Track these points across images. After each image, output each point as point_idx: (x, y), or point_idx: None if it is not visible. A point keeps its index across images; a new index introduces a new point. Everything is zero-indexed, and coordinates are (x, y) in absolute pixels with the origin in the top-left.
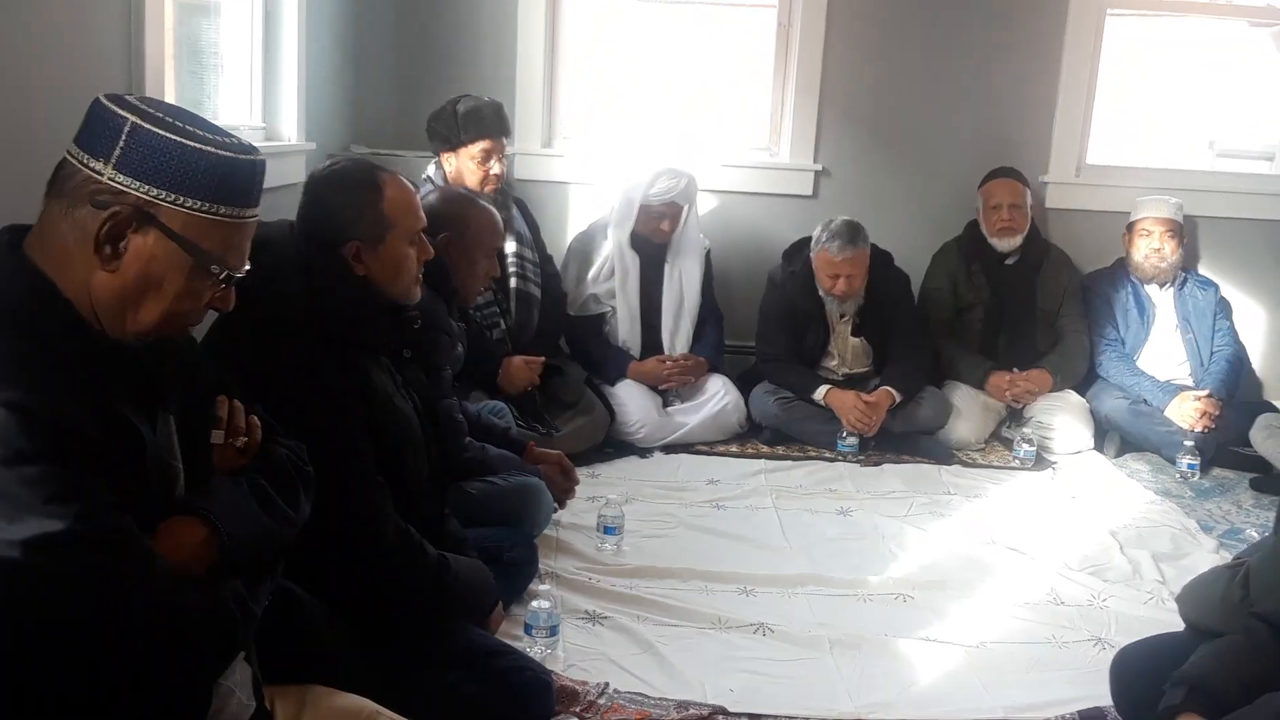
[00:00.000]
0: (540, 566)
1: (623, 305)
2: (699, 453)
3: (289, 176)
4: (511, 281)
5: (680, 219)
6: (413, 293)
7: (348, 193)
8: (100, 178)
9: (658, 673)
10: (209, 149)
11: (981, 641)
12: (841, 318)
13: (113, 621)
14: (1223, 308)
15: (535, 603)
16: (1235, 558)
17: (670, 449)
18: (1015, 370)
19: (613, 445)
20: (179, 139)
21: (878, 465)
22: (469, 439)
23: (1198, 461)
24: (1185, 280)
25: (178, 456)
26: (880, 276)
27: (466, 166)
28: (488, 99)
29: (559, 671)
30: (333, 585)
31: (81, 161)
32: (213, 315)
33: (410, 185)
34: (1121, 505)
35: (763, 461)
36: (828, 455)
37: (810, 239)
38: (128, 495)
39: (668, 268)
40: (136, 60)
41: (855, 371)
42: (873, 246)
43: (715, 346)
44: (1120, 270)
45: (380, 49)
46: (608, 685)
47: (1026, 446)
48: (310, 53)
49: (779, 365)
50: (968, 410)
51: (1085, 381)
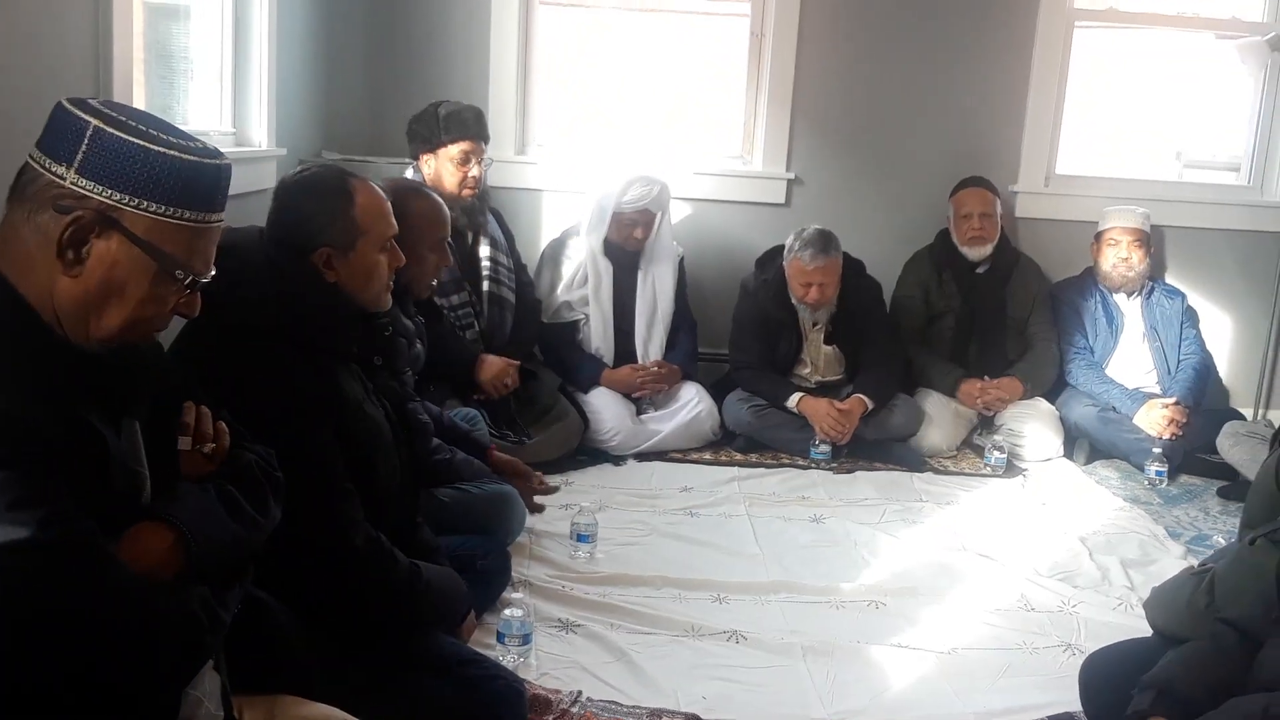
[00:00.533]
0: (513, 574)
1: (596, 313)
2: (672, 460)
3: (259, 182)
4: (485, 285)
5: (653, 226)
6: (383, 299)
7: (318, 199)
8: (63, 182)
9: (631, 681)
10: (172, 153)
11: (953, 648)
12: (814, 326)
13: (77, 628)
14: (1189, 316)
15: (508, 611)
16: (1201, 564)
17: (644, 456)
18: (986, 378)
19: (586, 453)
20: (142, 143)
21: (850, 472)
22: (437, 441)
23: (1165, 468)
24: (1153, 289)
25: (144, 463)
26: (852, 285)
27: (445, 168)
28: (468, 104)
29: (532, 680)
30: (303, 593)
31: (44, 166)
32: (180, 321)
33: (381, 192)
34: (1091, 512)
35: (736, 469)
36: (801, 463)
37: (783, 247)
38: (92, 502)
39: (641, 275)
40: (105, 64)
41: (828, 379)
42: (845, 255)
43: (689, 354)
44: (1089, 279)
45: (352, 55)
46: (580, 693)
47: (997, 454)
48: (281, 58)
49: (752, 373)
50: (939, 418)
51: (1055, 389)
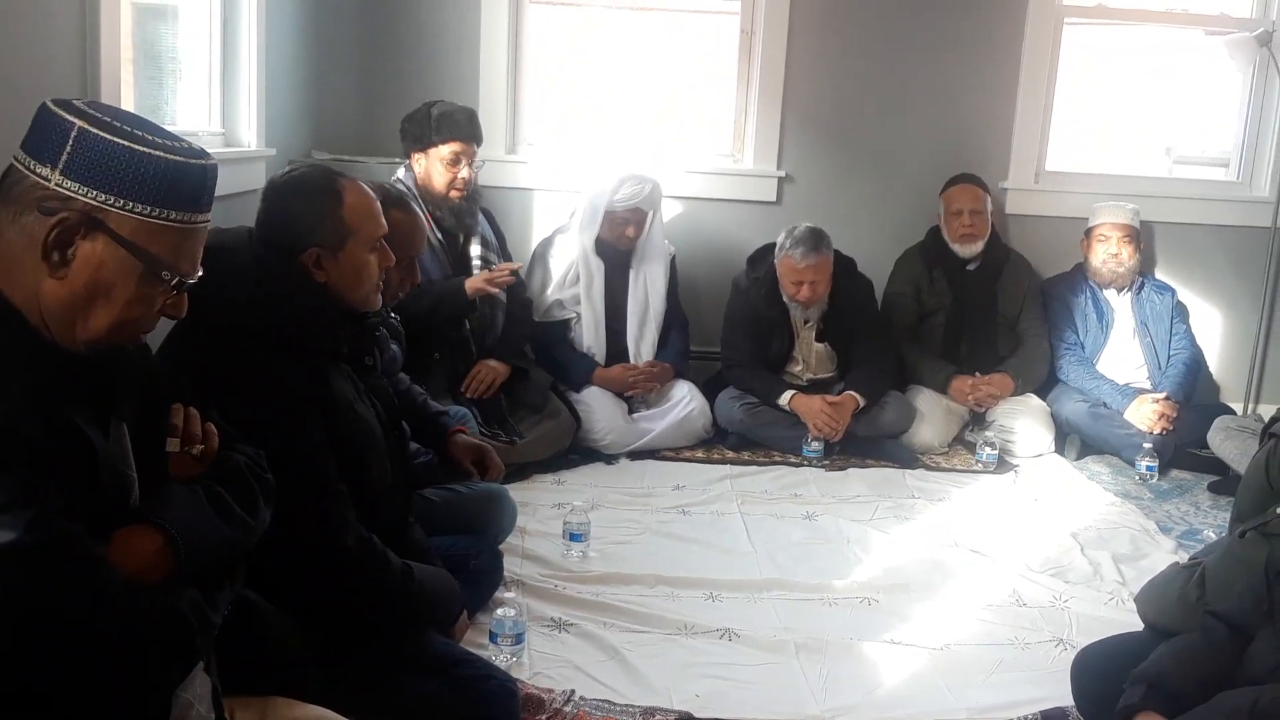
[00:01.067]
0: (505, 574)
1: (588, 311)
2: (665, 459)
3: (249, 183)
4: None
5: (645, 225)
6: (373, 300)
7: (307, 199)
8: (47, 184)
9: (624, 679)
10: (158, 153)
11: (945, 643)
12: (805, 323)
13: (65, 631)
14: (1180, 312)
15: (500, 610)
16: (1191, 558)
17: (636, 455)
18: (977, 374)
19: (578, 452)
20: (127, 144)
21: (842, 470)
22: (415, 446)
23: (1156, 463)
24: (1143, 285)
25: (132, 465)
26: (844, 283)
27: (435, 168)
28: (462, 105)
29: (524, 679)
30: (295, 594)
31: (28, 167)
32: (168, 323)
33: (370, 192)
34: (1082, 507)
35: (728, 467)
36: (793, 460)
37: (774, 245)
38: (80, 504)
39: (633, 274)
40: (92, 64)
41: (819, 377)
42: (836, 253)
43: (680, 352)
44: (1079, 275)
45: (342, 55)
46: (574, 692)
47: (989, 450)
48: (270, 58)
49: (744, 371)
50: (931, 414)
51: (1046, 385)
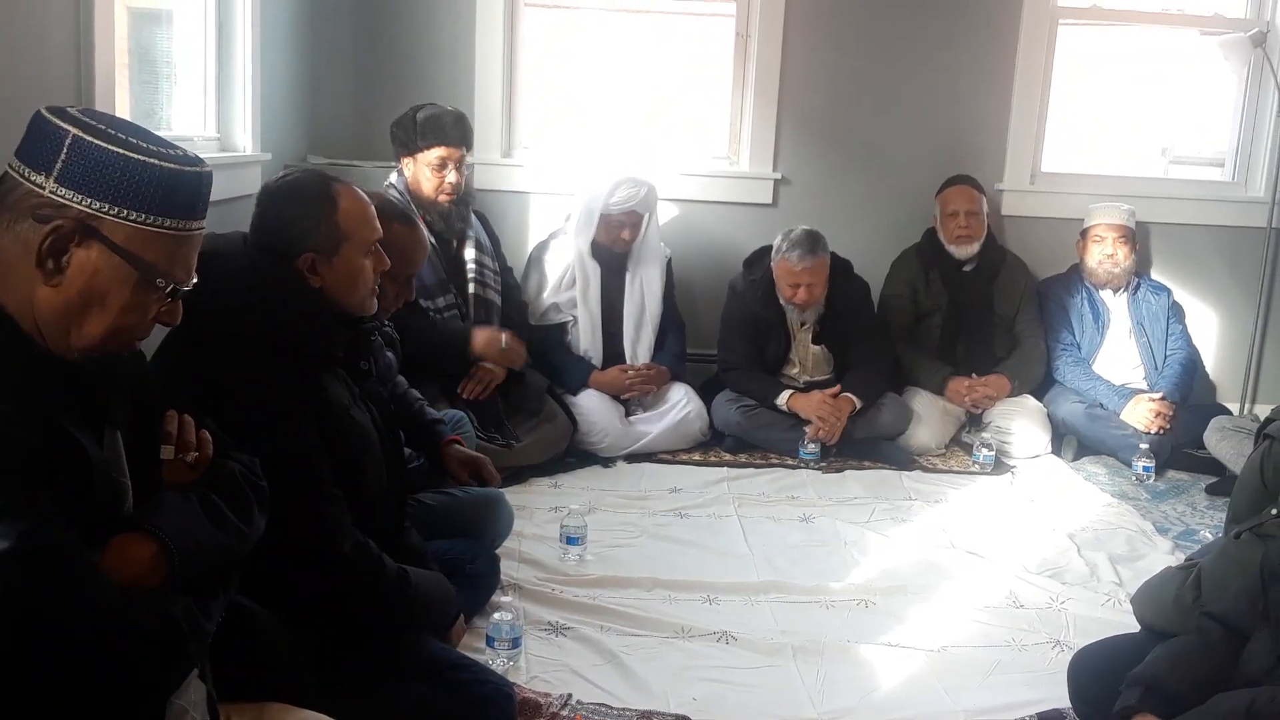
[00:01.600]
0: (502, 578)
1: (584, 314)
2: (662, 461)
3: (244, 188)
4: (470, 287)
5: (641, 228)
6: (369, 304)
7: (301, 204)
8: (42, 191)
9: (621, 683)
10: (152, 161)
11: (942, 645)
12: (802, 326)
13: (59, 639)
14: (1176, 312)
15: (497, 615)
16: (1187, 559)
17: (633, 458)
18: (974, 376)
19: (575, 455)
20: (121, 151)
21: (839, 472)
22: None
23: (1153, 464)
24: (1139, 285)
25: (125, 473)
26: (840, 284)
27: (422, 174)
28: (451, 108)
29: (521, 683)
30: (290, 599)
31: (23, 175)
32: (163, 329)
33: (365, 196)
34: (1079, 508)
35: (725, 469)
36: (790, 462)
37: (770, 247)
38: (73, 512)
39: (629, 277)
40: (86, 70)
41: (816, 379)
42: (832, 255)
43: (677, 355)
44: (1075, 276)
45: (337, 59)
46: (570, 696)
47: (986, 451)
48: (265, 63)
49: (741, 373)
50: (928, 416)
51: (1042, 386)
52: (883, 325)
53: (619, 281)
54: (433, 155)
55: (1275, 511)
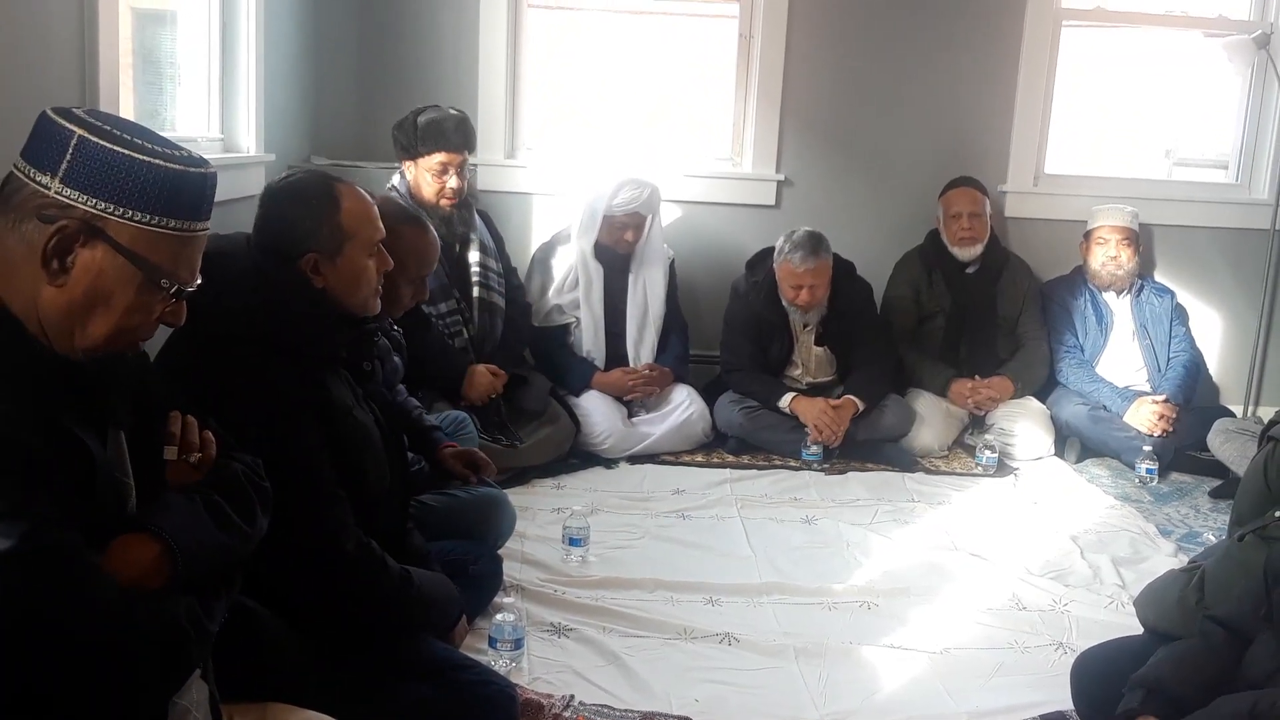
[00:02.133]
0: (505, 579)
1: (587, 316)
2: (664, 463)
3: (248, 188)
4: (475, 290)
5: (644, 229)
6: (372, 304)
7: (304, 204)
8: (47, 192)
9: (623, 684)
10: (157, 162)
11: (945, 647)
12: (805, 327)
13: (61, 639)
14: (1179, 314)
15: (499, 615)
16: (1190, 561)
17: (635, 459)
18: (977, 377)
19: (578, 456)
20: (127, 152)
21: (842, 473)
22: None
23: (1156, 466)
24: (1142, 287)
25: (129, 473)
26: (843, 286)
27: (423, 178)
28: (453, 111)
29: (524, 684)
30: (293, 600)
31: (28, 175)
32: (166, 330)
33: (368, 196)
34: (1082, 510)
35: (728, 471)
36: (793, 464)
37: (773, 249)
38: (76, 512)
39: (632, 278)
40: (91, 70)
41: (819, 380)
42: (835, 256)
43: (680, 356)
44: (1078, 278)
45: (341, 60)
46: (573, 698)
47: (989, 453)
48: (269, 63)
49: (744, 374)
50: (931, 418)
51: (1045, 388)
52: (885, 327)
53: (622, 283)
54: (434, 161)
55: (1279, 514)
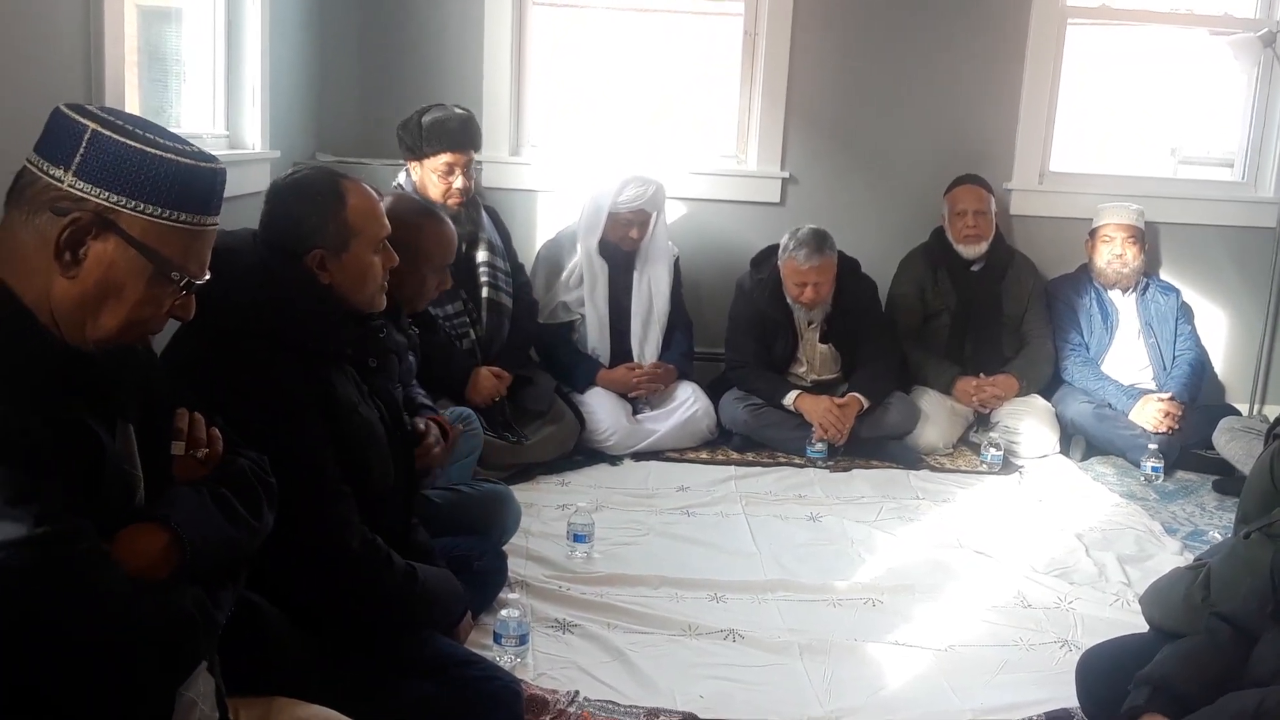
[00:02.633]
0: (510, 575)
1: (592, 313)
2: (669, 460)
3: (253, 185)
4: (483, 291)
5: (649, 226)
6: (378, 301)
7: (310, 201)
8: (60, 185)
9: (628, 680)
10: (169, 156)
11: (950, 645)
12: (810, 325)
13: (73, 624)
14: (1184, 313)
15: (504, 611)
16: (1196, 559)
17: (640, 456)
18: (982, 375)
19: (582, 453)
20: (139, 146)
21: (847, 471)
22: None
23: (1161, 464)
24: (1147, 286)
25: (137, 465)
26: (848, 283)
27: (429, 178)
28: (458, 110)
29: (528, 680)
30: (298, 596)
31: (42, 169)
32: (173, 327)
33: (374, 193)
34: (1087, 508)
35: (732, 468)
36: (797, 461)
37: (778, 246)
38: (86, 502)
39: (636, 275)
40: (96, 67)
41: (823, 378)
42: (840, 254)
43: (684, 353)
44: (1083, 276)
45: (346, 57)
46: (578, 694)
47: (994, 451)
48: (274, 60)
49: (748, 372)
50: (935, 415)
51: (1050, 386)
52: (890, 324)
53: (626, 280)
54: (439, 161)
55: None
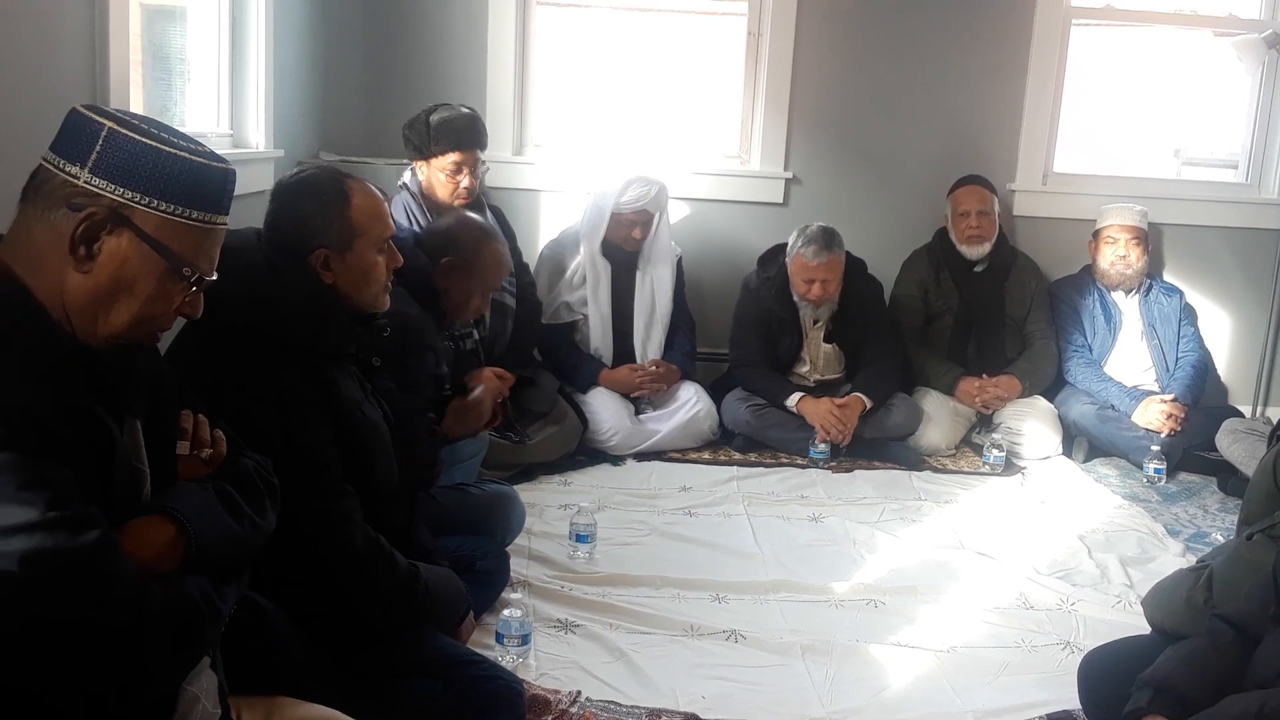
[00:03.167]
0: (512, 575)
1: (594, 313)
2: (671, 460)
3: (257, 184)
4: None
5: (651, 227)
6: (381, 300)
7: (315, 200)
8: (76, 181)
9: (630, 681)
10: (182, 154)
11: (952, 646)
12: (815, 324)
13: (80, 611)
14: (1188, 314)
15: (507, 611)
16: (1198, 561)
17: (642, 456)
18: (984, 376)
19: (585, 453)
20: (154, 144)
21: (849, 471)
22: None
23: (1164, 466)
24: (1151, 287)
25: (144, 461)
26: (855, 284)
27: (437, 178)
28: (464, 109)
29: (530, 680)
30: (301, 595)
31: (58, 166)
32: (177, 326)
33: (378, 192)
34: (1090, 510)
35: (735, 468)
36: (799, 462)
37: (785, 245)
38: (96, 494)
39: (639, 275)
40: (101, 66)
41: (827, 378)
42: (848, 254)
43: (687, 354)
44: (1086, 277)
45: (349, 56)
46: (580, 694)
47: (996, 452)
48: (278, 59)
49: (752, 371)
50: (938, 416)
51: (1053, 387)
52: (894, 325)
53: (629, 280)
54: (447, 160)
55: None
